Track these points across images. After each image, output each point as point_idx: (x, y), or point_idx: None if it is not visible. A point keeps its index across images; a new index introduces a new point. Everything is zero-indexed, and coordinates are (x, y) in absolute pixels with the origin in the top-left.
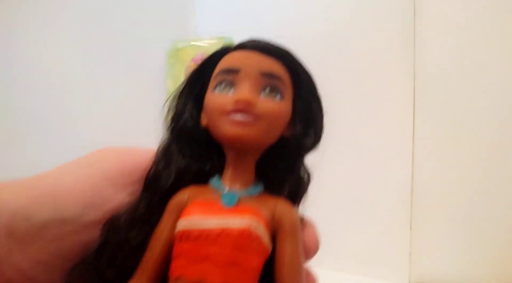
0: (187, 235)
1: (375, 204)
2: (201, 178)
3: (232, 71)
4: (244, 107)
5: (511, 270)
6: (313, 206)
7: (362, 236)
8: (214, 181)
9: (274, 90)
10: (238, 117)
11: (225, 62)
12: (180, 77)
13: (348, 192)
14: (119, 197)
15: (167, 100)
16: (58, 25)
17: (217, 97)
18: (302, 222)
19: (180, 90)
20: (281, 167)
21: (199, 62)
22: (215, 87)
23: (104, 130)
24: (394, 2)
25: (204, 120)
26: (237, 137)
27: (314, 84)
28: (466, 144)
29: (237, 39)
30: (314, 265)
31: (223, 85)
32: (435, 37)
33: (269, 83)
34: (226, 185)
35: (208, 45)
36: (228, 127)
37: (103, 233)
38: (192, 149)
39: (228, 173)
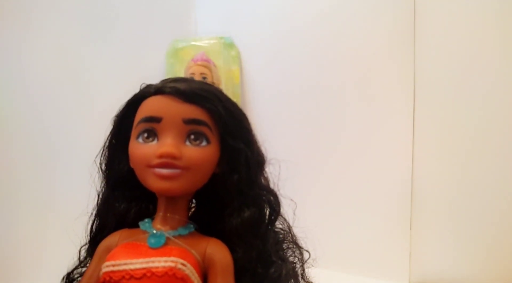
0: (109, 278)
1: (375, 204)
2: (143, 218)
3: (153, 120)
4: (169, 162)
5: (511, 270)
6: (313, 206)
7: (362, 236)
8: (143, 223)
9: (199, 136)
10: (164, 171)
11: (145, 109)
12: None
13: (348, 192)
14: None
15: (101, 152)
16: (56, 26)
17: (141, 148)
18: None
19: (109, 139)
20: (217, 203)
21: (197, 61)
22: (138, 136)
23: (103, 131)
24: (394, 2)
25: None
26: (165, 190)
27: (241, 121)
28: (466, 144)
29: (237, 39)
30: (314, 265)
31: (145, 134)
32: (435, 37)
33: (193, 129)
34: (156, 226)
35: (208, 45)
36: (155, 181)
37: None
38: (129, 193)
39: (159, 215)
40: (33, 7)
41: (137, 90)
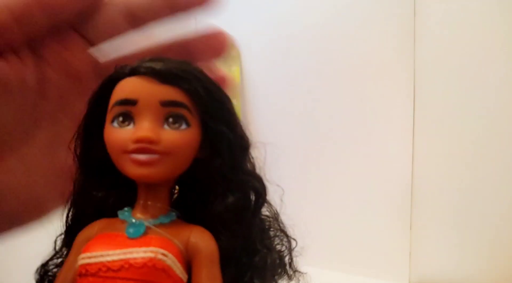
0: (86, 271)
1: (375, 204)
2: (123, 206)
3: (128, 102)
4: (146, 147)
5: (511, 270)
6: (313, 206)
7: (362, 236)
8: (122, 212)
9: (178, 118)
10: (141, 157)
11: (119, 92)
12: None
13: (347, 192)
14: None
15: (75, 137)
16: None
17: (116, 133)
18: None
19: (83, 124)
20: (201, 189)
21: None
22: (113, 120)
23: None
24: (394, 2)
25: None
26: (143, 177)
27: (222, 102)
28: (466, 144)
29: (237, 39)
30: (314, 265)
31: (120, 118)
32: (435, 37)
33: (171, 112)
34: (136, 215)
35: None
36: (132, 168)
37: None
38: (107, 180)
39: (139, 203)
40: None
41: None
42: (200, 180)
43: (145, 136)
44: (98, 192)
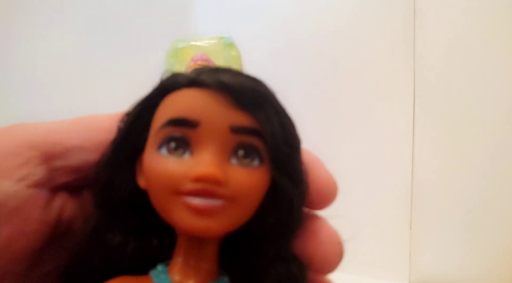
0: None
1: (375, 204)
2: (143, 261)
3: (186, 123)
4: (209, 189)
5: (511, 270)
6: None
7: (362, 236)
8: (157, 274)
9: (250, 151)
10: (200, 202)
11: (174, 108)
12: None
13: (347, 192)
14: (3, 186)
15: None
16: (56, 25)
17: (165, 164)
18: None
19: (112, 149)
20: (246, 247)
21: (197, 61)
22: (161, 145)
23: None
24: (394, 2)
25: (142, 182)
26: (199, 231)
27: (296, 146)
28: (466, 144)
29: (237, 39)
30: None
31: (173, 144)
32: (435, 37)
33: (243, 142)
34: (175, 279)
35: (208, 45)
36: (185, 216)
37: None
38: (128, 222)
39: (178, 261)
40: (33, 6)
41: (145, 84)
42: (247, 235)
43: (210, 173)
44: (114, 236)
